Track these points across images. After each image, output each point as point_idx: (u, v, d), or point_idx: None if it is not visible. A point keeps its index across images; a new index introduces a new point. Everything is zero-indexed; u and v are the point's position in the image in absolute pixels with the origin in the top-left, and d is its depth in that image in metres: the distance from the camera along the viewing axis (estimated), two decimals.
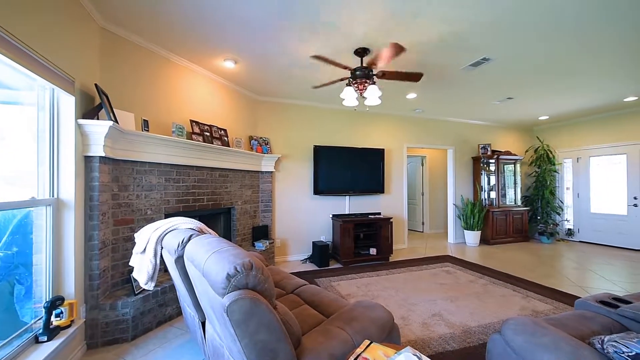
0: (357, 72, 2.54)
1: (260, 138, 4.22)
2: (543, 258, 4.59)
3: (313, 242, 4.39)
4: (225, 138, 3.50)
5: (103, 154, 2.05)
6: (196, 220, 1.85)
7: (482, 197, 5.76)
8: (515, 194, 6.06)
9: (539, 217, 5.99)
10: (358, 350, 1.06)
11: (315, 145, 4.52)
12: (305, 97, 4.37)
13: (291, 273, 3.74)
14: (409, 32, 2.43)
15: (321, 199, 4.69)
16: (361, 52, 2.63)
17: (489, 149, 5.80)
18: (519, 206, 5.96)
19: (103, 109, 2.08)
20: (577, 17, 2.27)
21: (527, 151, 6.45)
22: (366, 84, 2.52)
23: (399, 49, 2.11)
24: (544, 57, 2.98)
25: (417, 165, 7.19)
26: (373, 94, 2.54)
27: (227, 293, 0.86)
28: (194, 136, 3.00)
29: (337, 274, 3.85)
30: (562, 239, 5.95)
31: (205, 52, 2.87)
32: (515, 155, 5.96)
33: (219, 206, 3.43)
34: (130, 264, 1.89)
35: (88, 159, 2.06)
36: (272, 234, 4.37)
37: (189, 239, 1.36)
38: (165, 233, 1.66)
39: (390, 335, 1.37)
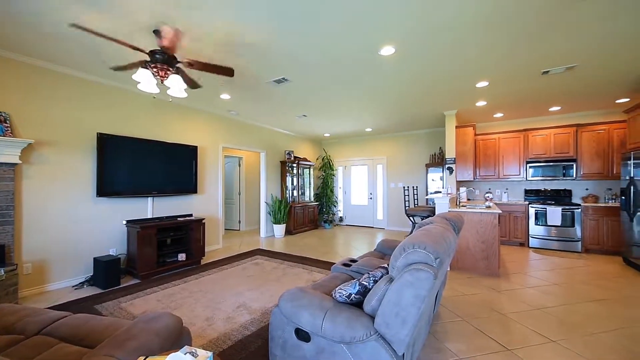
0: (157, 56, 2.24)
1: None
2: (325, 240, 6.10)
3: (95, 259, 3.38)
4: None
5: None
6: None
7: (287, 195, 6.82)
8: (310, 192, 7.66)
9: (324, 209, 7.92)
10: None
11: (100, 133, 3.51)
12: (87, 68, 3.28)
13: (51, 307, 2.72)
14: (223, 37, 2.46)
15: (110, 202, 3.71)
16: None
17: (292, 155, 6.96)
18: (312, 202, 7.58)
19: None
20: (348, 71, 3.23)
21: (317, 159, 8.39)
22: (168, 72, 2.27)
23: (227, 73, 2.11)
24: (317, 88, 3.98)
25: (234, 166, 7.35)
26: (177, 84, 2.33)
27: None
28: None
29: (132, 291, 3.20)
30: (337, 224, 8.20)
31: None
32: (310, 161, 7.54)
33: None
34: None
35: None
36: (15, 257, 2.94)
37: None
38: None
39: (179, 341, 1.31)
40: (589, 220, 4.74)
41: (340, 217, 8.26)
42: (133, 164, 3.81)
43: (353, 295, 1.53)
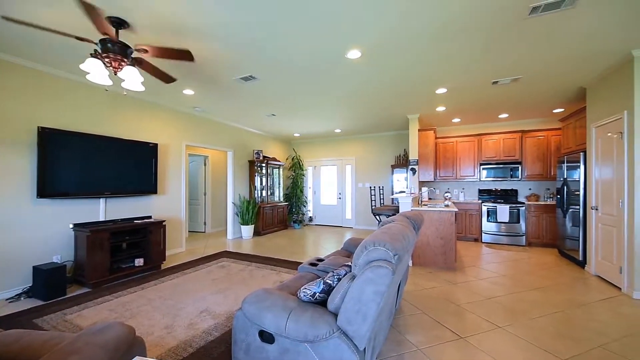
0: (110, 45, 2.06)
1: None
2: (294, 240, 6.07)
3: (35, 267, 3.03)
4: None
5: None
6: None
7: (256, 195, 6.69)
8: (279, 192, 7.58)
9: (294, 209, 7.89)
10: None
11: (42, 127, 3.15)
12: (23, 53, 2.92)
13: None
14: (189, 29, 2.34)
15: (54, 203, 3.35)
16: (117, 22, 2.16)
17: (261, 154, 6.83)
18: (281, 202, 7.51)
19: None
20: (316, 72, 3.24)
21: (287, 159, 8.34)
22: (122, 63, 2.11)
23: (185, 57, 1.99)
24: (286, 87, 3.96)
25: (199, 165, 7.03)
26: (133, 77, 2.17)
27: None
28: None
29: (80, 301, 2.92)
30: (307, 224, 8.21)
31: None
32: (279, 161, 7.46)
33: None
34: None
35: None
36: None
37: None
38: None
39: (130, 352, 1.23)
40: (531, 216, 5.28)
41: (310, 217, 8.29)
42: (82, 162, 3.47)
43: (317, 294, 1.55)
